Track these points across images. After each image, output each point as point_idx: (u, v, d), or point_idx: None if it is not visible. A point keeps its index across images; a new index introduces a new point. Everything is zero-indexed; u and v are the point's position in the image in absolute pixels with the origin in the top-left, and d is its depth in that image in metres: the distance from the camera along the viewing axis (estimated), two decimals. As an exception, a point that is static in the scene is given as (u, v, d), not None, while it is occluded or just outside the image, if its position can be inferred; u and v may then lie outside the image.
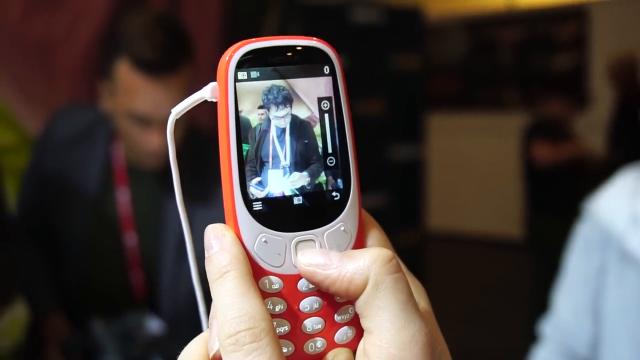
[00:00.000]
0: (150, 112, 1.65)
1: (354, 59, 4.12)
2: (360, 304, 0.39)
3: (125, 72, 1.64)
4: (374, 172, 4.30)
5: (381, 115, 4.27)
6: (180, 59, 1.64)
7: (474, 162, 8.22)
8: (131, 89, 1.65)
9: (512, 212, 7.54)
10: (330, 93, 0.43)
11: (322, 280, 0.40)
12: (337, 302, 0.41)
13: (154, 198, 1.81)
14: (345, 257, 0.40)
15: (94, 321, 1.78)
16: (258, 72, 0.41)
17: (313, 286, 0.41)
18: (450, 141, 8.20)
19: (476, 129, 8.23)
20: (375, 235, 0.43)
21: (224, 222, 0.42)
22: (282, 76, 0.41)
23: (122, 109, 1.70)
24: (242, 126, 0.40)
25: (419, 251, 4.57)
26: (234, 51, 0.41)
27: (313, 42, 0.43)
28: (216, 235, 0.40)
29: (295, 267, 0.41)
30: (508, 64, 8.11)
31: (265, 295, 0.40)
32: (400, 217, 4.42)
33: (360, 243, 0.43)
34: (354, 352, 0.41)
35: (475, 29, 8.31)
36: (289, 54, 0.42)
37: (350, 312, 0.41)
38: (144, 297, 1.80)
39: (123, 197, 1.82)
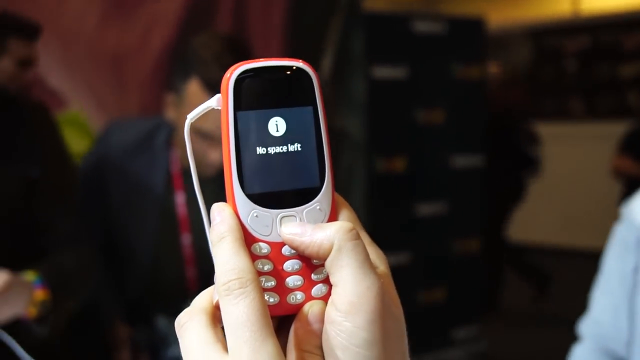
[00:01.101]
0: (214, 130, 1.77)
1: (415, 68, 4.17)
2: (328, 264, 0.49)
3: (195, 91, 1.77)
4: (435, 180, 4.35)
5: (443, 125, 4.31)
6: None
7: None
8: None
9: (578, 221, 7.46)
10: (311, 103, 0.52)
11: (298, 245, 0.50)
12: (314, 264, 0.51)
13: (208, 200, 1.91)
14: (316, 228, 0.50)
15: (159, 316, 1.89)
16: (252, 86, 0.51)
17: (294, 251, 0.51)
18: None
19: (542, 138, 8.16)
20: (345, 213, 0.53)
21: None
22: (271, 89, 0.52)
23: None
24: (239, 127, 0.51)
25: (479, 259, 4.57)
26: (234, 70, 0.51)
27: (298, 63, 0.52)
28: (218, 211, 0.51)
29: (280, 235, 0.51)
30: (573, 73, 8.03)
31: (256, 257, 0.50)
32: (462, 225, 4.45)
33: (332, 219, 0.53)
34: (327, 304, 0.51)
35: (539, 38, 8.25)
36: (277, 72, 0.52)
37: (324, 272, 0.51)
38: (197, 292, 1.91)
39: (180, 200, 1.95)
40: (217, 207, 0.51)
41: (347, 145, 3.94)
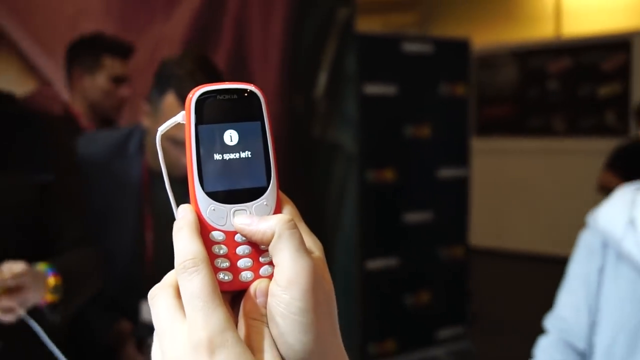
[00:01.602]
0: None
1: (404, 86, 4.29)
2: (270, 248, 0.57)
3: (170, 103, 1.92)
4: (422, 190, 4.45)
5: (429, 139, 4.42)
6: None
7: (520, 184, 8.36)
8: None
9: (560, 230, 7.62)
10: (259, 119, 0.60)
11: (247, 233, 0.58)
12: (261, 249, 0.59)
13: (177, 196, 2.02)
14: (262, 219, 0.58)
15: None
16: (210, 104, 0.59)
17: (244, 238, 0.59)
18: (499, 163, 8.39)
19: (525, 153, 8.38)
20: (287, 208, 0.61)
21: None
22: (227, 107, 0.59)
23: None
24: (199, 138, 0.58)
25: (465, 264, 4.69)
26: (195, 91, 0.59)
27: (250, 87, 0.60)
28: (181, 209, 0.59)
29: (233, 225, 0.58)
30: (556, 92, 8.19)
31: (213, 243, 0.58)
32: (446, 232, 4.57)
33: (277, 212, 0.60)
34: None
35: (524, 59, 8.42)
36: (231, 93, 0.59)
37: (269, 256, 0.58)
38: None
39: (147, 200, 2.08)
40: (181, 207, 0.59)
41: (341, 157, 4.10)
